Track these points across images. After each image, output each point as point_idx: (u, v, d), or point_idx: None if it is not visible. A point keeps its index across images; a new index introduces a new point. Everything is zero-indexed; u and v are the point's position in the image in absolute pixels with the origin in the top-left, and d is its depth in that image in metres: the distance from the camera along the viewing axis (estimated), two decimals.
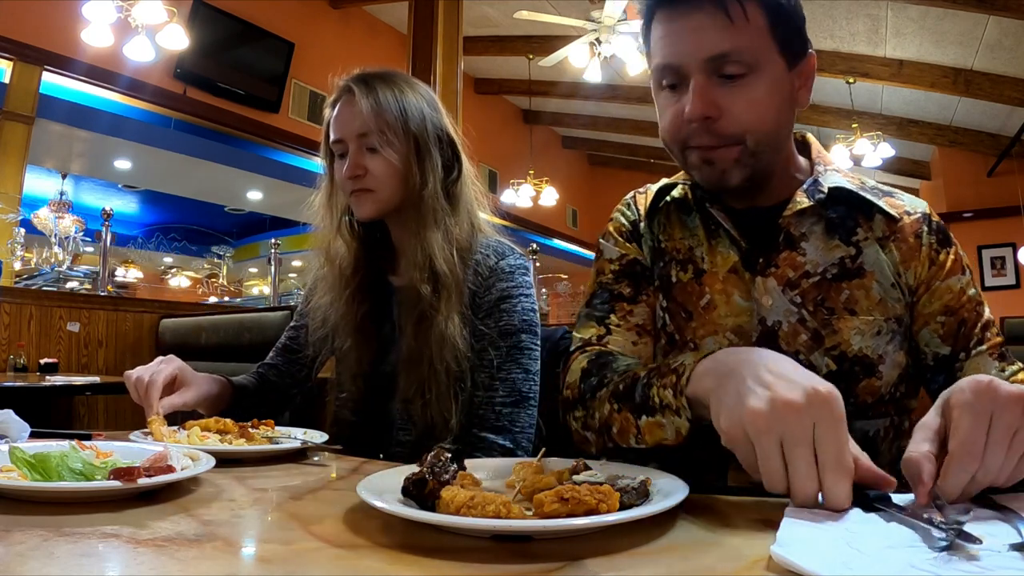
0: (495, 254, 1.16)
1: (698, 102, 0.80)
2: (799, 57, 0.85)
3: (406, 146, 1.13)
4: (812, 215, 0.88)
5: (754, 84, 0.80)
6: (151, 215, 10.28)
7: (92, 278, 6.65)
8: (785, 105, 0.85)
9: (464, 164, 1.20)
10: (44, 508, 0.59)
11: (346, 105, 1.14)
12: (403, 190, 1.13)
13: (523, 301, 1.14)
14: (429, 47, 4.29)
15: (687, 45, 0.80)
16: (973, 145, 7.54)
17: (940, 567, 0.41)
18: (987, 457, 0.53)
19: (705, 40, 0.79)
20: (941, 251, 0.89)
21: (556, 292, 8.42)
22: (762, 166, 0.85)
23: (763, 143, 0.83)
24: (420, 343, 1.10)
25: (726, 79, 0.80)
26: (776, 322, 0.86)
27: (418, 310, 1.10)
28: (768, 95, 0.81)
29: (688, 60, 0.80)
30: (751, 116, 0.81)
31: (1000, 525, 0.49)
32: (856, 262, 0.87)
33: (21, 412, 0.89)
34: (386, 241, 1.23)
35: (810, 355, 0.85)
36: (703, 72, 0.80)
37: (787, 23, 0.82)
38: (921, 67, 6.27)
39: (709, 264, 0.92)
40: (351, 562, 0.48)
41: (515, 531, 0.51)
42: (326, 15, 6.63)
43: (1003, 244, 7.82)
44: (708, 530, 0.55)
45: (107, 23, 4.35)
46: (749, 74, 0.80)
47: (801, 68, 0.86)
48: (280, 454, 0.92)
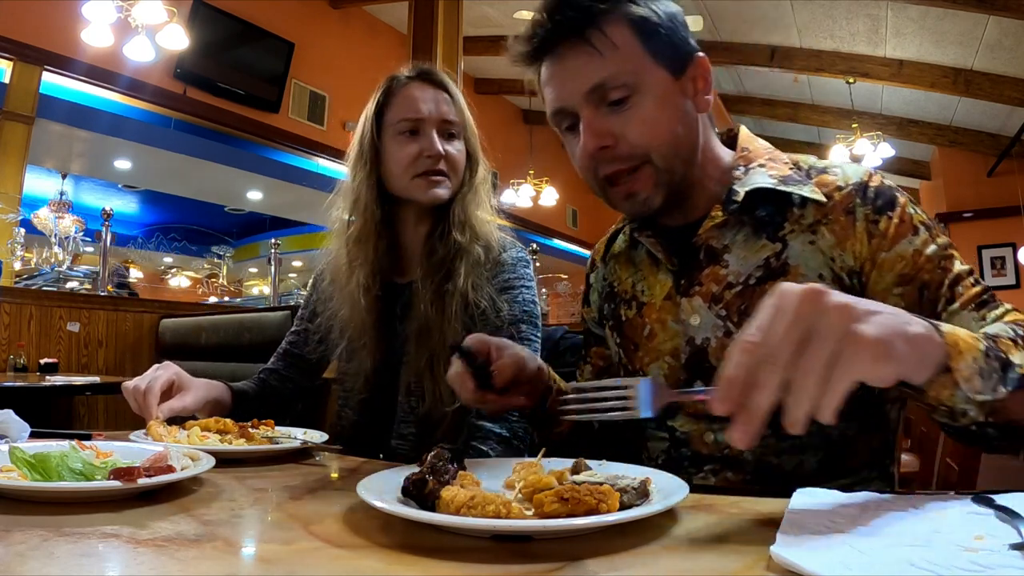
0: (498, 246, 1.20)
1: (589, 135, 0.82)
2: (684, 64, 0.85)
3: (471, 139, 1.22)
4: (734, 224, 0.87)
5: (640, 103, 0.81)
6: (151, 215, 10.28)
7: (92, 278, 6.65)
8: (681, 114, 0.84)
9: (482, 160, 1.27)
10: (44, 508, 0.59)
11: (425, 87, 1.19)
12: (462, 179, 1.20)
13: (524, 292, 1.17)
14: (429, 47, 4.29)
15: (567, 85, 0.83)
16: (973, 145, 7.55)
17: (940, 567, 0.41)
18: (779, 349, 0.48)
19: (580, 76, 0.81)
20: (881, 218, 0.82)
21: (556, 292, 8.41)
22: (678, 180, 0.85)
23: (669, 157, 0.83)
24: (434, 310, 1.13)
25: (614, 106, 0.82)
26: (705, 339, 0.87)
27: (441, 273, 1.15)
28: (658, 110, 0.82)
29: (572, 99, 0.83)
30: (647, 134, 0.82)
31: (1000, 525, 0.49)
32: (781, 259, 0.84)
33: (21, 412, 0.89)
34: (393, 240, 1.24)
35: None
36: (588, 105, 0.82)
37: (659, 36, 0.82)
38: (921, 67, 6.27)
39: (648, 296, 0.95)
40: (351, 562, 0.48)
41: (515, 531, 0.51)
42: (326, 15, 6.62)
43: (1003, 244, 7.82)
44: (708, 530, 0.55)
45: (107, 23, 4.35)
46: (633, 95, 0.81)
47: (691, 74, 0.85)
48: (280, 454, 0.92)
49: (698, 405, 0.88)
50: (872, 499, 0.58)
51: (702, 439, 0.88)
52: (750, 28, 6.31)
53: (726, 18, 6.20)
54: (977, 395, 0.59)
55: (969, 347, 0.59)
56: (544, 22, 0.82)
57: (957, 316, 0.77)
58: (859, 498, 0.58)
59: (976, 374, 0.59)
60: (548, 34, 0.82)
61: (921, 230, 0.82)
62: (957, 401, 0.59)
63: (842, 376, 0.47)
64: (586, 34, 0.80)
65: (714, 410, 0.50)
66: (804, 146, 8.32)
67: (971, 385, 0.59)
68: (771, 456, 0.84)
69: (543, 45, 0.84)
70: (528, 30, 0.84)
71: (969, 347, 0.59)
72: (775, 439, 0.84)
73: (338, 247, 1.24)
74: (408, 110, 1.17)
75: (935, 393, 0.59)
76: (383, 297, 1.21)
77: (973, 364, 0.59)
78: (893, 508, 0.54)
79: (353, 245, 1.21)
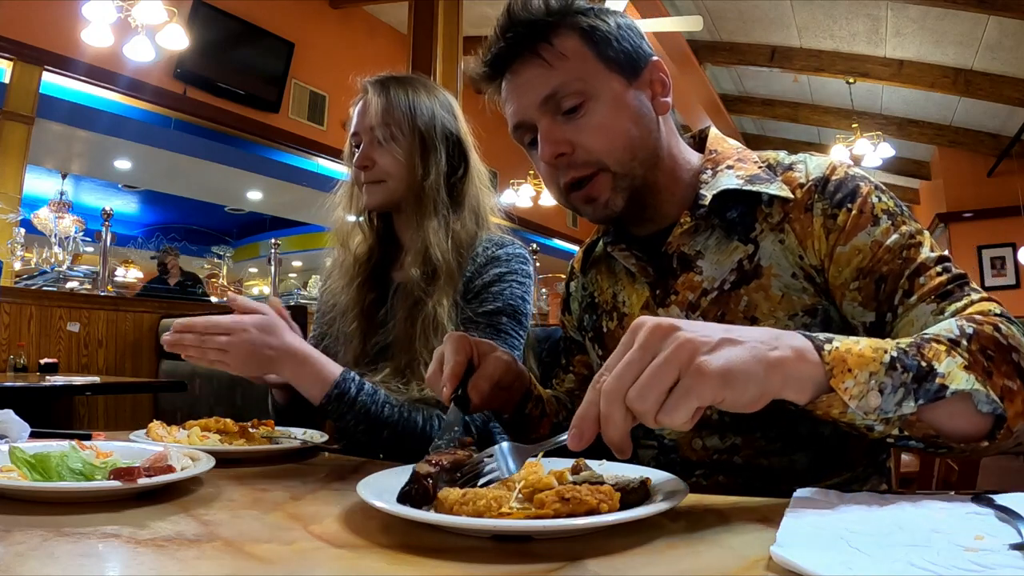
0: (495, 245, 1.21)
1: (546, 144, 0.83)
2: (638, 68, 0.85)
3: (411, 141, 1.20)
4: (704, 228, 0.86)
5: (595, 110, 0.83)
6: (151, 215, 10.28)
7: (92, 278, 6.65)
8: (637, 119, 0.84)
9: (472, 166, 1.27)
10: (44, 508, 0.59)
11: (362, 103, 1.24)
12: (407, 182, 1.20)
13: (513, 286, 1.16)
14: (429, 47, 4.29)
15: (522, 99, 0.85)
16: (973, 145, 7.54)
17: (940, 567, 0.41)
18: (622, 369, 0.54)
19: (534, 88, 0.83)
20: (840, 211, 0.79)
21: (556, 292, 8.41)
22: (639, 184, 0.85)
23: (625, 161, 0.83)
24: (409, 327, 1.14)
25: (568, 115, 0.83)
26: None
27: (413, 297, 1.16)
28: (613, 115, 0.83)
29: (528, 111, 0.85)
30: (602, 141, 0.83)
31: (1000, 525, 0.49)
32: (754, 261, 0.83)
33: (21, 412, 0.89)
34: (394, 238, 1.30)
35: None
36: (544, 116, 0.84)
37: (609, 43, 0.84)
38: (921, 67, 6.27)
39: (628, 306, 0.95)
40: (351, 562, 0.48)
41: (515, 531, 0.51)
42: (326, 15, 6.62)
43: (1003, 244, 7.82)
44: (708, 530, 0.55)
45: (107, 23, 4.35)
46: (587, 102, 0.82)
47: (646, 78, 0.86)
48: (280, 454, 0.92)
49: None
50: (872, 499, 0.58)
51: (690, 446, 0.88)
52: (750, 28, 6.31)
53: (726, 18, 6.20)
54: (875, 413, 0.58)
55: (863, 362, 0.58)
56: (497, 41, 0.85)
57: (914, 310, 0.73)
58: (859, 498, 0.58)
59: (872, 391, 0.57)
60: (502, 52, 0.85)
61: (883, 219, 0.78)
62: (855, 419, 0.58)
63: (678, 404, 0.52)
64: (536, 48, 0.82)
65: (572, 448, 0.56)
66: (804, 146, 8.31)
67: (864, 403, 0.57)
68: (761, 458, 0.84)
69: (498, 63, 0.86)
70: (484, 49, 0.87)
71: (863, 362, 0.58)
72: (764, 440, 0.84)
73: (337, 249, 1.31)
74: (352, 128, 1.24)
75: (823, 412, 0.59)
76: (380, 289, 1.25)
77: (867, 381, 0.57)
78: (893, 508, 0.54)
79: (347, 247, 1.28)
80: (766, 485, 0.84)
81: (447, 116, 1.25)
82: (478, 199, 1.27)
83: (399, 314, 1.17)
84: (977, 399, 0.59)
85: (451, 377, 0.78)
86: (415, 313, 1.14)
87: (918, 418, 0.59)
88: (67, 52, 4.72)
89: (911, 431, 0.59)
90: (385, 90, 1.22)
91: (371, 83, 1.24)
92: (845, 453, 0.84)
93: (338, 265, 1.31)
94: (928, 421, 0.59)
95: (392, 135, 1.20)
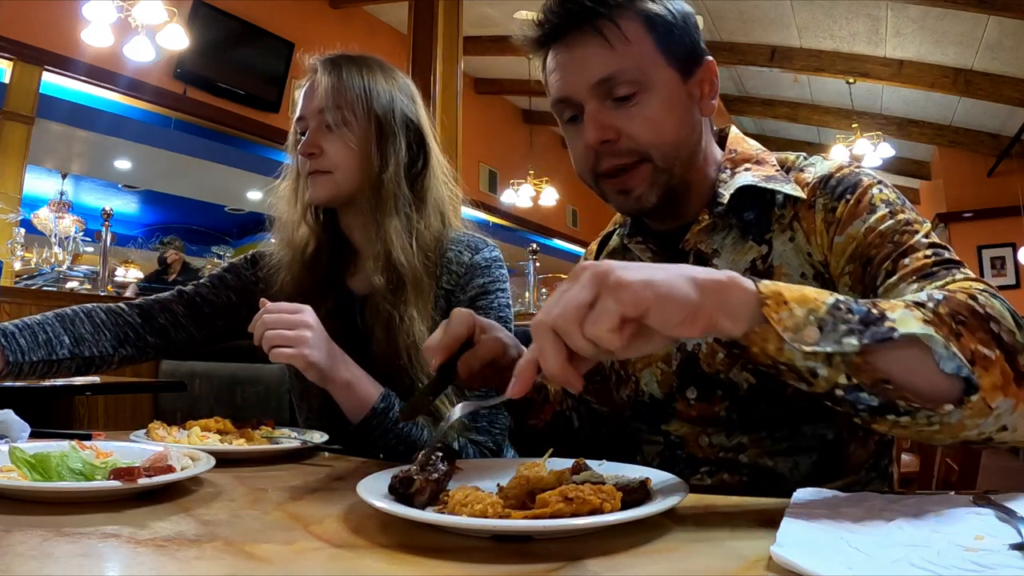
0: (468, 249, 1.12)
1: (593, 128, 0.81)
2: (694, 66, 0.84)
3: (366, 127, 1.08)
4: (722, 227, 0.86)
5: (647, 101, 0.80)
6: (151, 215, 10.27)
7: (92, 278, 6.64)
8: (686, 117, 0.84)
9: (433, 158, 1.15)
10: (44, 508, 0.59)
11: (309, 84, 1.11)
12: (361, 174, 1.08)
13: (499, 297, 1.12)
14: (429, 47, 4.29)
15: (573, 75, 0.81)
16: (973, 145, 7.54)
17: (940, 567, 0.41)
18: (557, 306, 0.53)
19: (589, 67, 0.80)
20: (839, 204, 0.79)
21: None
22: (676, 182, 0.85)
23: (669, 157, 0.82)
24: (392, 350, 1.05)
25: (620, 101, 0.80)
26: (696, 345, 0.87)
27: (384, 312, 1.05)
28: (664, 110, 0.81)
29: (577, 90, 0.81)
30: (650, 133, 0.81)
31: (1000, 525, 0.49)
32: (767, 261, 0.83)
33: (21, 412, 0.89)
34: (341, 238, 1.17)
35: (729, 372, 0.84)
36: (594, 98, 0.81)
37: (673, 36, 0.82)
38: (921, 67, 6.26)
39: None
40: (351, 562, 0.48)
41: (515, 531, 0.51)
42: (326, 15, 6.62)
43: (1003, 244, 7.81)
44: (708, 530, 0.55)
45: (107, 23, 4.34)
46: (641, 92, 0.80)
47: (699, 77, 0.85)
48: (280, 454, 0.92)
49: (692, 412, 0.88)
50: (872, 499, 0.58)
51: (697, 442, 0.88)
52: (750, 28, 6.31)
53: (726, 18, 6.19)
54: (814, 348, 0.54)
55: (803, 300, 0.55)
56: (558, 7, 0.81)
57: (894, 290, 0.71)
58: (859, 498, 0.58)
59: (810, 325, 0.54)
60: (560, 20, 0.81)
61: (880, 208, 0.77)
62: (794, 357, 0.55)
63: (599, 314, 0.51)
64: (599, 25, 0.79)
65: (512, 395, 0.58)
66: (804, 146, 8.31)
67: (800, 336, 0.54)
68: (766, 458, 0.84)
69: (553, 32, 0.82)
70: (539, 15, 0.83)
71: (803, 300, 0.55)
72: (770, 440, 0.84)
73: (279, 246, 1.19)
74: (297, 112, 1.11)
75: (759, 348, 0.55)
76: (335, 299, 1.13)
77: (805, 316, 0.54)
78: (893, 508, 0.54)
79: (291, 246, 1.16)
80: (769, 486, 0.84)
81: (406, 101, 1.13)
82: (441, 194, 1.15)
83: (376, 333, 1.06)
84: (937, 353, 0.54)
85: (441, 348, 0.74)
86: (392, 333, 1.04)
87: (864, 361, 0.54)
88: (67, 52, 4.72)
89: (859, 377, 0.54)
90: (336, 69, 1.09)
91: (321, 61, 1.11)
92: (847, 459, 0.85)
93: (284, 266, 1.17)
94: (877, 367, 0.54)
95: (344, 119, 1.07)
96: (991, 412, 0.56)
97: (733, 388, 0.84)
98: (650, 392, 0.92)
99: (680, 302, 0.52)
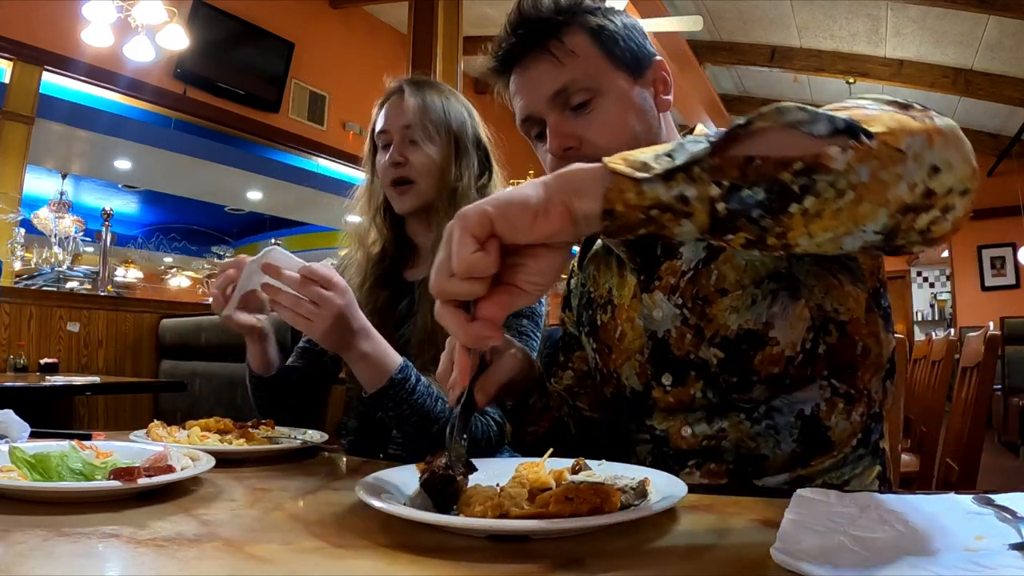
0: None
1: (554, 137, 0.87)
2: (643, 67, 0.89)
3: (446, 143, 1.21)
4: None
5: (601, 106, 0.86)
6: (151, 215, 10.27)
7: (92, 278, 6.65)
8: (641, 116, 0.88)
9: (495, 173, 1.30)
10: (44, 508, 0.59)
11: (395, 101, 1.23)
12: (439, 184, 1.20)
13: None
14: (429, 47, 4.29)
15: (531, 94, 0.88)
16: (973, 145, 7.52)
17: (940, 567, 0.41)
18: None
19: (543, 83, 0.87)
20: None
21: (556, 292, 8.41)
22: None
23: None
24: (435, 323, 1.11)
25: (577, 110, 0.86)
26: (666, 331, 0.89)
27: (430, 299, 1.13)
28: (619, 112, 0.87)
29: (537, 106, 0.88)
30: (608, 136, 0.85)
31: (1000, 525, 0.49)
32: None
33: (21, 412, 0.89)
34: (406, 241, 1.30)
35: (698, 351, 0.86)
36: (553, 110, 0.87)
37: (616, 42, 0.88)
38: (921, 67, 6.27)
39: (619, 297, 0.97)
40: (351, 562, 0.48)
41: (513, 531, 0.51)
42: (326, 15, 6.62)
43: (1003, 244, 7.82)
44: (708, 530, 0.55)
45: (107, 23, 4.34)
46: (595, 98, 0.86)
47: (650, 77, 0.90)
48: (280, 454, 0.92)
49: (669, 399, 0.90)
50: (872, 499, 0.58)
51: (680, 434, 0.90)
52: (750, 28, 6.31)
53: (726, 18, 6.20)
54: (665, 168, 0.50)
55: (648, 150, 0.53)
56: (508, 37, 0.88)
57: None
58: (859, 498, 0.58)
59: (660, 157, 0.51)
60: (512, 47, 0.89)
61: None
62: (658, 193, 0.50)
63: (455, 248, 0.51)
64: (547, 45, 0.86)
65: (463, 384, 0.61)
66: None
67: (651, 168, 0.50)
68: (748, 441, 0.86)
69: (508, 58, 0.90)
70: (495, 45, 0.90)
71: (648, 150, 0.53)
72: (748, 422, 0.85)
73: (353, 247, 1.31)
74: (381, 123, 1.23)
75: (621, 204, 0.51)
76: (393, 288, 1.25)
77: (653, 155, 0.52)
78: (893, 508, 0.54)
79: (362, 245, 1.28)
80: (756, 471, 0.85)
81: (473, 121, 1.28)
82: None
83: (424, 306, 1.16)
84: (801, 122, 0.49)
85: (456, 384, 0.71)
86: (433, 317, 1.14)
87: (722, 158, 0.49)
88: (67, 52, 4.72)
89: (726, 175, 0.49)
90: (420, 90, 1.23)
91: (407, 82, 1.25)
92: (831, 431, 0.84)
93: (352, 263, 1.31)
94: (737, 154, 0.49)
95: (428, 135, 1.20)
96: (904, 155, 0.49)
97: (703, 366, 0.86)
98: (631, 386, 0.94)
99: (521, 203, 0.51)
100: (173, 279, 10.58)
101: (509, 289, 0.53)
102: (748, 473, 0.86)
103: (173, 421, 1.00)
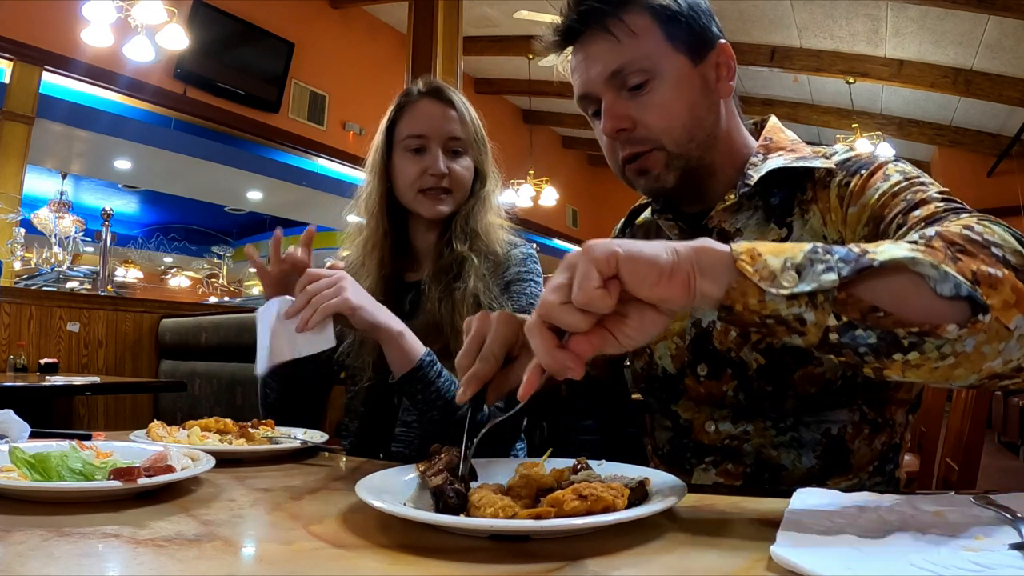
0: (508, 243, 1.25)
1: (608, 119, 0.85)
2: (705, 50, 0.86)
3: (478, 151, 1.25)
4: (747, 208, 0.89)
5: (658, 89, 0.84)
6: (151, 215, 10.27)
7: (92, 278, 6.65)
8: (699, 100, 0.86)
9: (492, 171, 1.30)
10: (44, 508, 0.59)
11: (434, 105, 1.22)
12: (468, 191, 1.24)
13: (531, 286, 1.20)
14: (429, 47, 4.29)
15: (588, 72, 0.86)
16: (973, 145, 7.55)
17: (940, 567, 0.41)
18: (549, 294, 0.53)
19: (600, 62, 0.85)
20: (852, 179, 0.81)
21: None
22: (694, 165, 0.87)
23: (682, 142, 0.85)
24: (444, 308, 1.14)
25: (633, 91, 0.84)
26: (711, 322, 0.88)
27: (451, 274, 1.17)
28: (675, 96, 0.84)
29: (593, 85, 0.86)
30: (662, 120, 0.84)
31: (1000, 525, 0.49)
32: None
33: (21, 412, 0.89)
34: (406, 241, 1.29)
35: (740, 351, 0.86)
36: (608, 90, 0.85)
37: (679, 23, 0.85)
38: (921, 67, 6.27)
39: None
40: (351, 562, 0.48)
41: (513, 531, 0.51)
42: (326, 15, 6.62)
43: None
44: (708, 530, 0.55)
45: (107, 23, 4.35)
46: (652, 80, 0.84)
47: (712, 60, 0.87)
48: (280, 454, 0.92)
49: (700, 390, 0.89)
50: (872, 499, 0.58)
51: (703, 428, 0.90)
52: (750, 28, 6.31)
53: (726, 18, 6.16)
54: (792, 290, 0.51)
55: (776, 251, 0.53)
56: (570, 12, 0.86)
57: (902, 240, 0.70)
58: (859, 498, 0.58)
59: (787, 271, 0.52)
60: (573, 23, 0.86)
61: (894, 176, 0.77)
62: (778, 307, 0.51)
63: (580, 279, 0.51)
64: (607, 23, 0.83)
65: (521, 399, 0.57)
66: None
67: (778, 283, 0.51)
68: (770, 449, 0.85)
69: (568, 34, 0.87)
70: (556, 21, 0.88)
71: (776, 251, 0.53)
72: (774, 431, 0.85)
73: (352, 249, 1.30)
74: (416, 127, 1.21)
75: (741, 304, 0.52)
76: (392, 295, 1.24)
77: (781, 264, 0.52)
78: (893, 508, 0.54)
79: (364, 248, 1.27)
80: (772, 479, 0.85)
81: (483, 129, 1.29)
82: (498, 200, 1.32)
83: (432, 294, 1.17)
84: (928, 276, 0.51)
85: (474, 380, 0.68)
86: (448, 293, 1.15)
87: (848, 294, 0.51)
88: (67, 52, 4.72)
89: (847, 313, 0.51)
90: (460, 99, 1.25)
91: (441, 87, 1.25)
92: (851, 457, 0.85)
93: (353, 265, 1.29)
94: (862, 298, 0.51)
95: (470, 146, 1.23)
96: (1011, 334, 0.52)
97: (742, 367, 0.85)
98: (663, 366, 0.93)
99: (651, 258, 0.52)
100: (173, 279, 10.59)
101: (604, 334, 0.54)
102: (764, 480, 0.85)
103: (173, 421, 1.00)
